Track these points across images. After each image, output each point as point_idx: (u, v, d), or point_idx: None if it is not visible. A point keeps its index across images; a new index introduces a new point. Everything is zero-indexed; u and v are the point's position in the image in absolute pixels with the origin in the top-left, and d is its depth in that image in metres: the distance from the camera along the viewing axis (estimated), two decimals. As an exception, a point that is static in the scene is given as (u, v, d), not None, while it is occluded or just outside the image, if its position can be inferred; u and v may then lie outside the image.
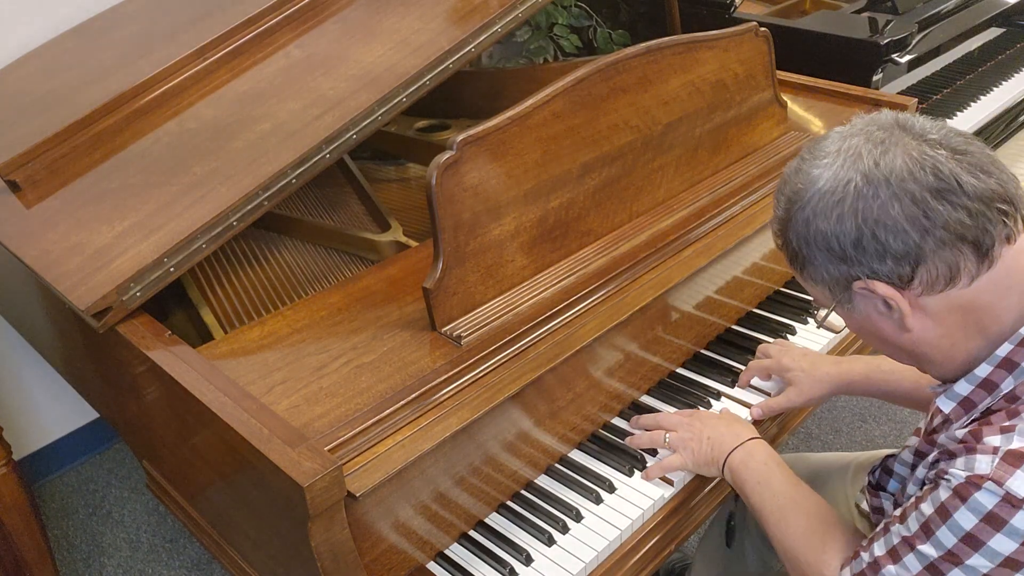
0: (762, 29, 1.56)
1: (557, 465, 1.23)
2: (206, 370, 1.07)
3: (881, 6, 2.43)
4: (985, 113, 2.44)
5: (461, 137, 1.12)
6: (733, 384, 1.36)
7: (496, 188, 1.17)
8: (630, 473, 1.20)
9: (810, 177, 0.87)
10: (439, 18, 1.50)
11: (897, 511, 0.91)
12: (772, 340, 1.42)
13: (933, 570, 0.83)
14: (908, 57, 2.25)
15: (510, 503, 1.17)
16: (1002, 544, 0.78)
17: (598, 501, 1.16)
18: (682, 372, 1.39)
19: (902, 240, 0.81)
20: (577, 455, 1.24)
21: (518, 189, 1.19)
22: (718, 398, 1.33)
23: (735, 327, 1.49)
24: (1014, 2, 2.61)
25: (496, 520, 1.15)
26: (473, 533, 1.14)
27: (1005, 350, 0.84)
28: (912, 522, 0.85)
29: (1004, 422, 0.82)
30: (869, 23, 2.30)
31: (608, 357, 1.25)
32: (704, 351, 1.43)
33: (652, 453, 1.23)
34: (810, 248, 0.88)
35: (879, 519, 1.02)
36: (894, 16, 2.32)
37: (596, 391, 1.26)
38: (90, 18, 1.95)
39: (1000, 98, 2.51)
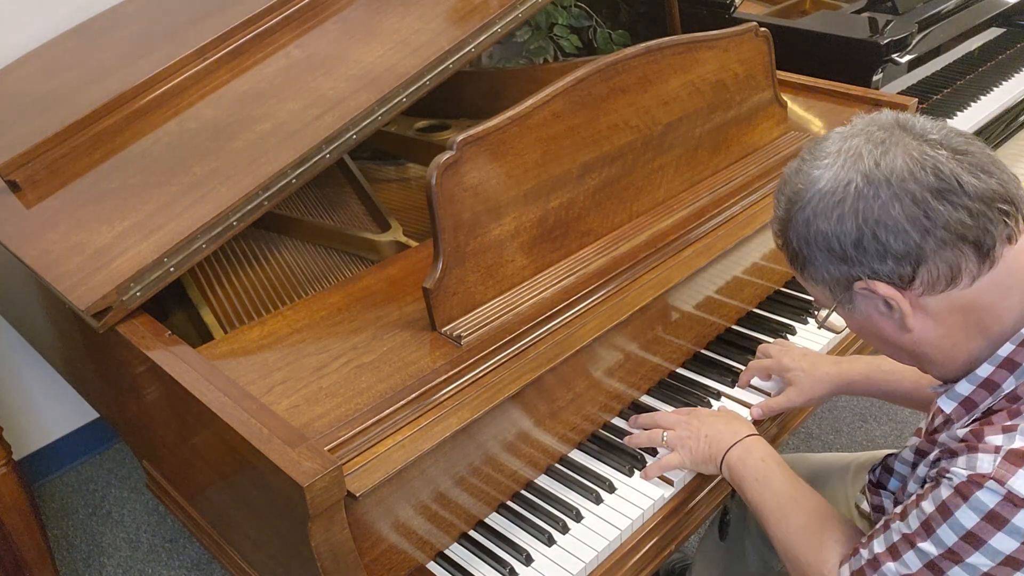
0: (762, 29, 1.56)
1: (557, 465, 1.23)
2: (206, 370, 1.07)
3: (881, 6, 2.42)
4: (985, 113, 2.44)
5: (461, 137, 1.12)
6: (733, 384, 1.36)
7: (496, 188, 1.17)
8: (630, 473, 1.20)
9: (810, 178, 0.87)
10: (439, 18, 1.50)
11: (898, 508, 0.91)
12: (772, 340, 1.42)
13: (933, 568, 0.83)
14: (908, 57, 2.25)
15: (510, 503, 1.17)
16: (1003, 543, 0.78)
17: (598, 501, 1.16)
18: (682, 372, 1.39)
19: (903, 240, 0.81)
20: (577, 455, 1.24)
21: (518, 189, 1.19)
22: (718, 398, 1.33)
23: (735, 327, 1.49)
24: (1014, 2, 2.61)
25: (496, 520, 1.15)
26: (473, 533, 1.14)
27: (1007, 350, 0.84)
28: (913, 519, 0.86)
29: (1006, 421, 0.82)
30: (869, 23, 2.30)
31: (608, 357, 1.25)
32: (704, 351, 1.43)
33: (652, 453, 1.23)
34: (810, 248, 0.88)
35: (879, 517, 1.02)
36: (894, 16, 2.32)
37: (596, 391, 1.26)
38: (90, 18, 1.95)
39: (1000, 98, 2.51)
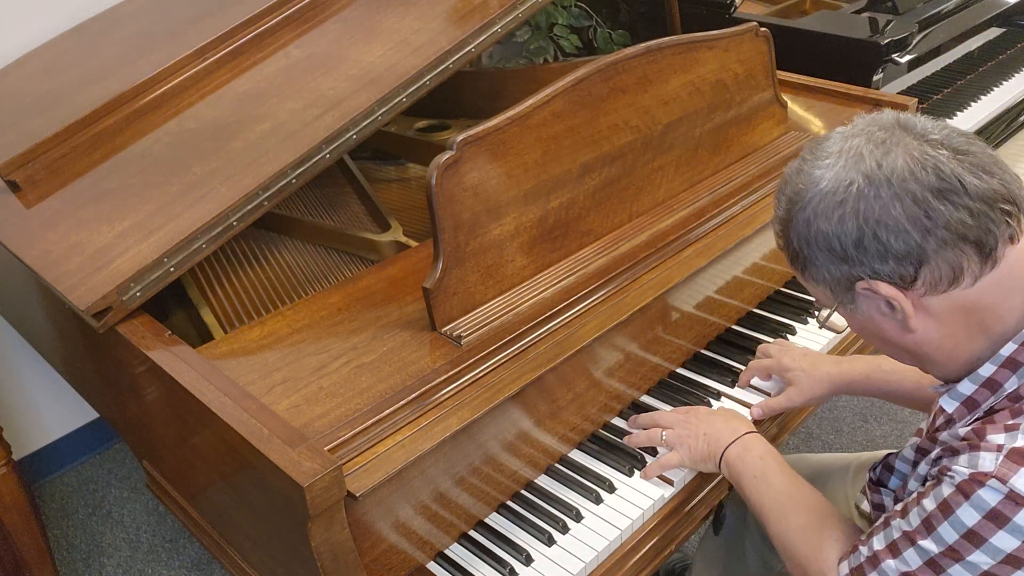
0: (762, 29, 1.56)
1: (557, 465, 1.23)
2: (206, 370, 1.07)
3: (881, 6, 2.42)
4: (985, 113, 2.44)
5: (461, 137, 1.12)
6: (733, 384, 1.36)
7: (496, 188, 1.17)
8: (630, 473, 1.20)
9: (811, 178, 0.87)
10: (439, 18, 1.50)
11: (898, 506, 0.91)
12: (772, 340, 1.42)
13: (933, 565, 0.83)
14: (908, 57, 2.25)
15: (510, 503, 1.17)
16: (1004, 541, 0.78)
17: (598, 501, 1.16)
18: (682, 372, 1.39)
19: (903, 240, 0.81)
20: (577, 455, 1.24)
21: (518, 189, 1.19)
22: (718, 398, 1.33)
23: (735, 327, 1.49)
24: (1014, 2, 2.61)
25: (496, 520, 1.15)
26: (473, 533, 1.14)
27: (1009, 349, 0.84)
28: (913, 517, 0.85)
29: (1008, 420, 0.82)
30: (869, 23, 2.30)
31: (608, 357, 1.25)
32: (704, 351, 1.43)
33: (652, 453, 1.23)
34: (811, 249, 0.88)
35: (879, 515, 1.02)
36: (894, 16, 2.32)
37: (596, 391, 1.25)
38: (90, 18, 1.95)
39: (1000, 98, 2.51)
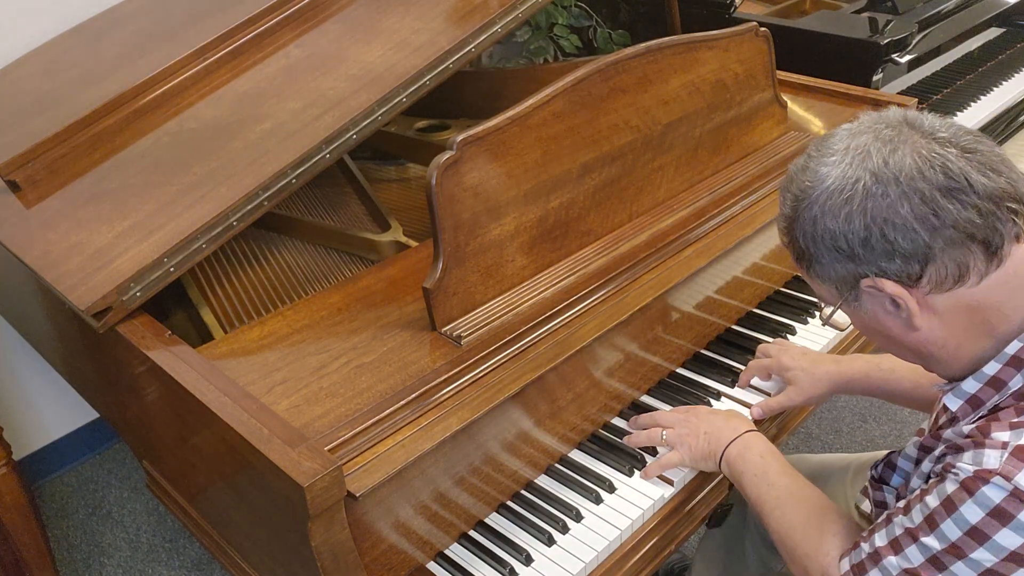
0: (762, 29, 1.56)
1: (557, 465, 1.23)
2: (206, 370, 1.07)
3: (881, 6, 2.42)
4: (985, 113, 2.44)
5: (461, 137, 1.12)
6: (733, 384, 1.36)
7: (496, 188, 1.17)
8: (630, 473, 1.20)
9: (818, 175, 0.86)
10: (439, 18, 1.50)
11: (900, 503, 0.90)
12: (772, 340, 1.42)
13: (935, 562, 0.83)
14: (908, 57, 2.25)
15: (510, 503, 1.17)
16: (1008, 539, 0.78)
17: (598, 501, 1.16)
18: (682, 372, 1.39)
19: (911, 239, 0.81)
20: (577, 455, 1.24)
21: (518, 189, 1.19)
22: (718, 398, 1.33)
23: (735, 327, 1.49)
24: (1014, 2, 2.61)
25: (496, 520, 1.15)
26: (473, 533, 1.14)
27: (1014, 348, 0.84)
28: (916, 514, 0.85)
29: (1013, 418, 0.82)
30: (869, 23, 2.30)
31: (608, 357, 1.25)
32: (704, 351, 1.43)
33: (652, 453, 1.23)
34: (817, 246, 0.87)
35: (881, 513, 1.02)
36: (894, 16, 2.32)
37: (596, 391, 1.25)
38: (90, 18, 1.96)
39: (1000, 98, 2.51)
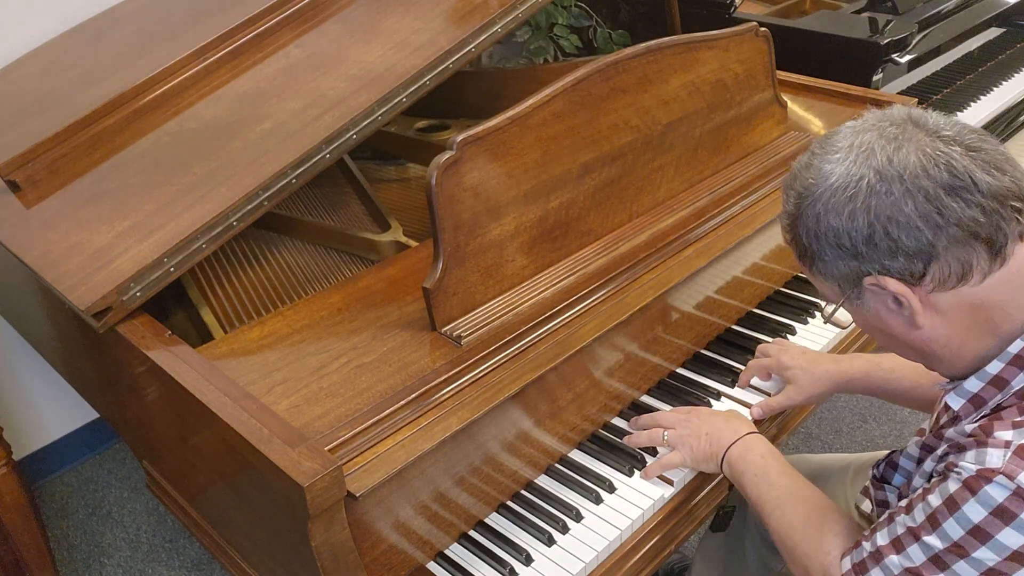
0: (762, 29, 1.56)
1: (557, 465, 1.23)
2: (206, 370, 1.07)
3: (881, 6, 2.42)
4: (985, 113, 2.44)
5: (461, 137, 1.12)
6: (733, 384, 1.36)
7: (496, 188, 1.17)
8: (630, 473, 1.20)
9: (821, 172, 0.86)
10: (439, 18, 1.50)
11: (902, 502, 0.90)
12: (771, 340, 1.42)
13: (937, 561, 0.83)
14: (908, 57, 2.25)
15: (510, 503, 1.17)
16: (1010, 538, 0.78)
17: (598, 501, 1.16)
18: (682, 372, 1.39)
19: (915, 237, 0.81)
20: (577, 455, 1.24)
21: (518, 189, 1.19)
22: (718, 398, 1.33)
23: (735, 327, 1.49)
24: (1014, 2, 2.61)
25: (496, 520, 1.15)
26: (473, 533, 1.14)
27: (1017, 347, 0.84)
28: (918, 513, 0.85)
29: (1016, 417, 0.81)
30: (869, 23, 2.30)
31: (608, 357, 1.25)
32: (704, 351, 1.43)
33: (652, 453, 1.23)
34: (820, 244, 0.87)
35: (882, 512, 1.02)
36: (894, 16, 2.32)
37: (596, 391, 1.25)
38: (90, 18, 1.96)
39: (1000, 98, 2.51)
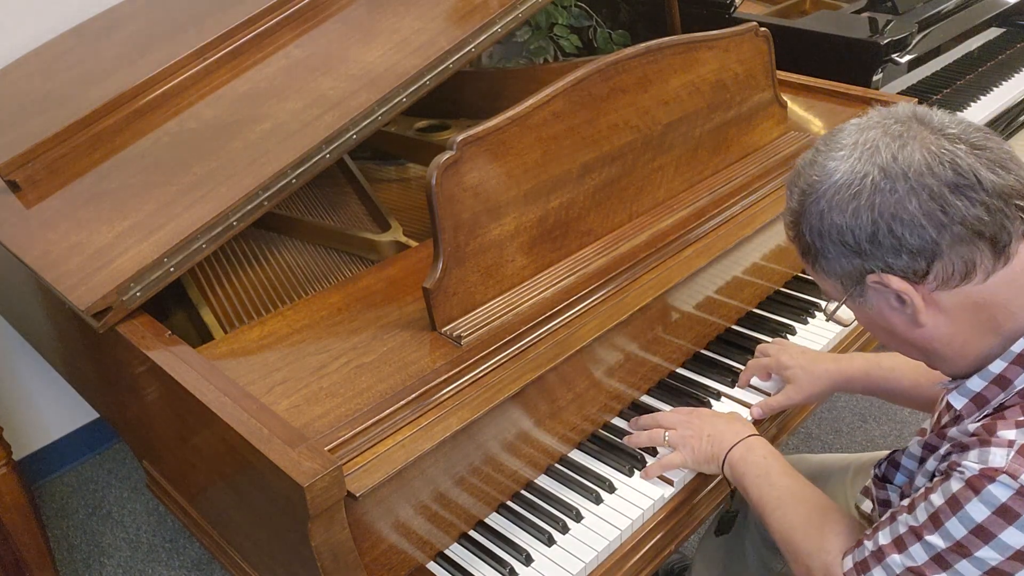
0: (762, 29, 1.56)
1: (557, 465, 1.23)
2: (206, 370, 1.07)
3: (881, 6, 2.43)
4: (985, 113, 2.44)
5: (461, 137, 1.12)
6: (733, 384, 1.36)
7: (496, 188, 1.17)
8: (630, 473, 1.20)
9: (825, 169, 0.86)
10: (439, 18, 1.50)
11: (905, 501, 0.90)
12: (771, 340, 1.42)
13: (940, 561, 0.82)
14: (908, 57, 2.25)
15: (510, 503, 1.17)
16: (1013, 537, 0.78)
17: (598, 501, 1.16)
18: (682, 372, 1.39)
19: (919, 235, 0.81)
20: (577, 455, 1.24)
21: (518, 189, 1.19)
22: (718, 398, 1.33)
23: (735, 327, 1.49)
24: (1014, 2, 2.61)
25: (496, 520, 1.15)
26: (473, 533, 1.14)
27: (1020, 346, 0.84)
28: (921, 512, 0.85)
29: (1019, 416, 0.81)
30: (869, 23, 2.30)
31: (608, 357, 1.25)
32: (704, 351, 1.43)
33: (652, 453, 1.23)
34: (824, 241, 0.87)
35: (884, 511, 1.02)
36: (894, 16, 2.32)
37: (596, 391, 1.25)
38: (90, 18, 1.96)
39: (1000, 98, 2.51)
